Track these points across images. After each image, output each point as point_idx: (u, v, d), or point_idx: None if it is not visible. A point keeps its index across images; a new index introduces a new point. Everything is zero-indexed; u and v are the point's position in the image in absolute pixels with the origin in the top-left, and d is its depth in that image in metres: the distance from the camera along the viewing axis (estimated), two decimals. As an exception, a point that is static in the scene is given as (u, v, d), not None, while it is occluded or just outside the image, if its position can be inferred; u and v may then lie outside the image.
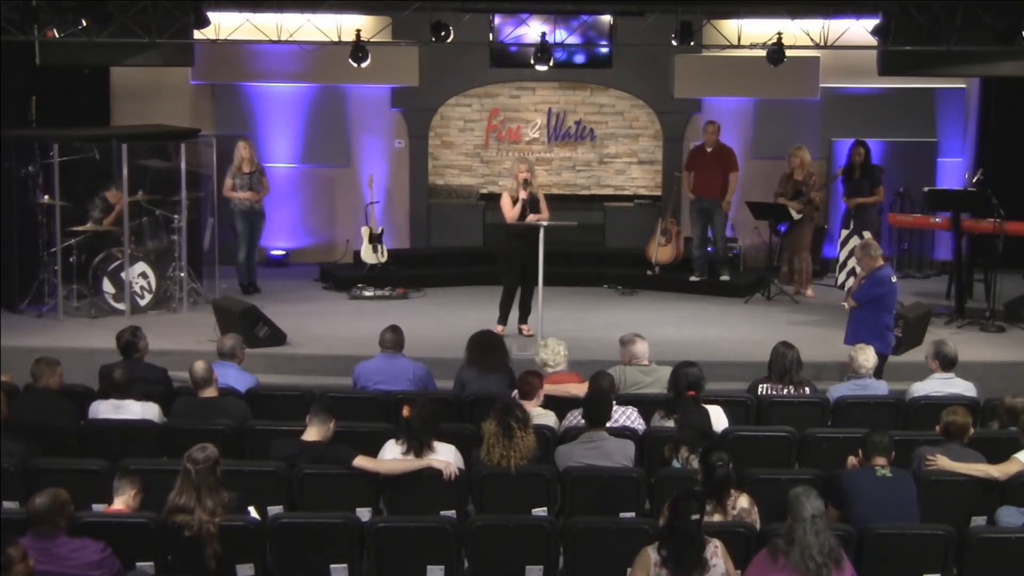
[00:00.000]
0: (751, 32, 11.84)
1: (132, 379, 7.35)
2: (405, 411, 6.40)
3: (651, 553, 5.09)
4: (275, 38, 11.19)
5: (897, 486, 5.98)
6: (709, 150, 12.39)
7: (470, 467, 6.37)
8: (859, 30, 11.22)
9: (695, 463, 6.09)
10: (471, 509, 6.35)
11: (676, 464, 6.35)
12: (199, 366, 7.31)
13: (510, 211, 10.08)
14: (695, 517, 5.05)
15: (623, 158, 14.07)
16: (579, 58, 13.54)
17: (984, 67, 11.24)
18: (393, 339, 8.13)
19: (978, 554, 5.73)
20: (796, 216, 12.02)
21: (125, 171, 10.77)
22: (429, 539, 5.75)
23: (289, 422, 7.07)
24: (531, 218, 10.00)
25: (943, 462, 6.33)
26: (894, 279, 9.12)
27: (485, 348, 7.95)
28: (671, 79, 13.32)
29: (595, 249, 13.66)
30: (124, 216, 10.88)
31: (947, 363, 7.91)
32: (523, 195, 10.02)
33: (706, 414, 6.94)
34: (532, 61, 11.57)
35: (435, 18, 11.06)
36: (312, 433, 6.43)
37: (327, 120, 13.86)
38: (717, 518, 5.60)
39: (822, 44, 11.26)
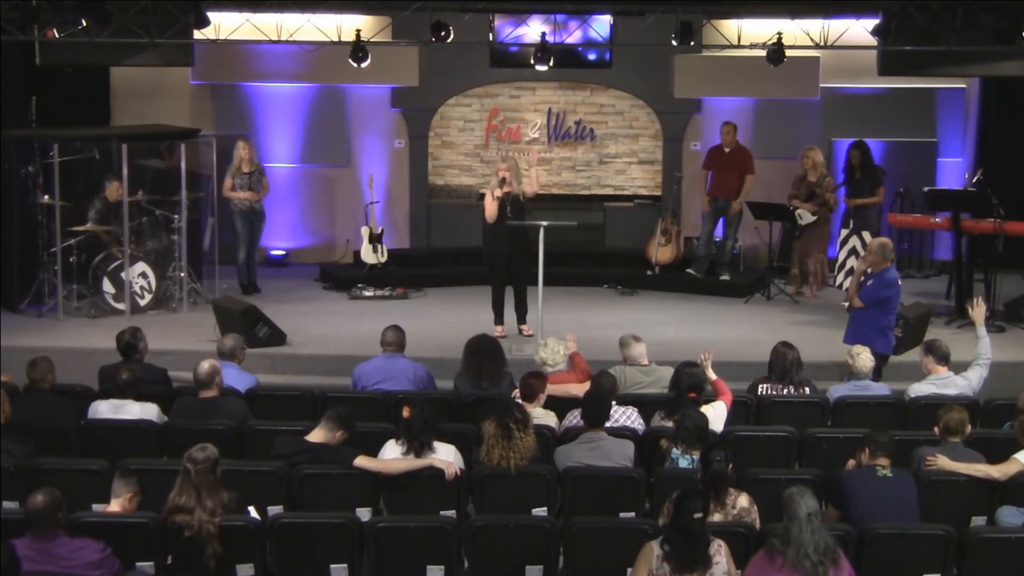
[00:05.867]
0: (751, 32, 11.83)
1: (137, 380, 7.35)
2: (405, 412, 6.40)
3: (654, 547, 5.12)
4: (275, 38, 11.18)
5: (897, 486, 5.98)
6: (727, 150, 12.42)
7: (470, 467, 6.38)
8: (859, 30, 11.20)
9: (694, 456, 6.11)
10: (471, 509, 6.35)
11: (675, 452, 6.35)
12: (206, 366, 7.30)
13: (489, 209, 10.10)
14: (699, 515, 5.07)
15: (623, 158, 14.07)
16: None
17: (984, 67, 11.22)
18: (395, 338, 8.12)
19: (978, 554, 5.73)
20: (811, 219, 12.02)
21: (125, 171, 10.78)
22: (429, 539, 5.75)
23: (289, 422, 7.08)
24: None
25: (943, 462, 6.33)
26: (900, 281, 9.15)
27: (481, 355, 7.87)
28: (671, 79, 13.30)
29: (595, 249, 13.65)
30: (124, 216, 10.88)
31: (942, 356, 7.90)
32: (499, 193, 10.04)
33: (704, 416, 6.93)
34: (532, 61, 11.56)
35: (435, 18, 11.04)
36: (317, 435, 6.43)
37: (327, 120, 13.85)
38: (718, 518, 5.61)
39: (822, 44, 11.24)
